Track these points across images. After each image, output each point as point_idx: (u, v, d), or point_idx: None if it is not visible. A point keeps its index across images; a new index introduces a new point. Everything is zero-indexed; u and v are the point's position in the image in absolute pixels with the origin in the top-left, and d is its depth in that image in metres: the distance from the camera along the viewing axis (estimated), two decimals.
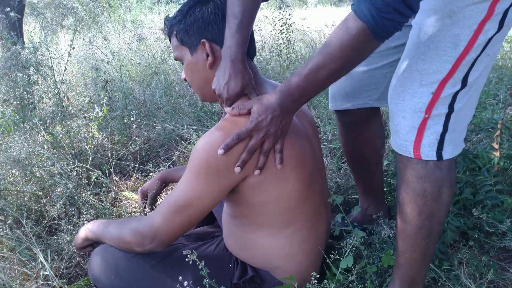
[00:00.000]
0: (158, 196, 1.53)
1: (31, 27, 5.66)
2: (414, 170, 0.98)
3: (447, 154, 0.97)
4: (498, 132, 1.54)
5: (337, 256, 1.07)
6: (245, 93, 1.01)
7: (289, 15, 3.53)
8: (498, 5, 0.84)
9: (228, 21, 0.99)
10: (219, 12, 1.03)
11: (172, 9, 10.44)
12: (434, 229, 1.02)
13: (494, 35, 0.88)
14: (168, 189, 1.96)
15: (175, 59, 1.12)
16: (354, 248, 1.10)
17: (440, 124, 0.95)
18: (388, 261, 1.22)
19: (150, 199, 1.49)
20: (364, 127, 1.39)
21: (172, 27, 1.07)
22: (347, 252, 1.09)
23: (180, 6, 1.08)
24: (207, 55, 1.03)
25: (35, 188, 1.70)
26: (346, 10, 9.85)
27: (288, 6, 3.93)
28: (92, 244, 1.22)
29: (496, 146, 1.52)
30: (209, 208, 0.99)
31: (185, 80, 1.13)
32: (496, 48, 0.93)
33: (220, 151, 0.91)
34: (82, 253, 1.32)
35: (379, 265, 1.24)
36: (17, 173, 1.76)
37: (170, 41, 1.12)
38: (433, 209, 0.99)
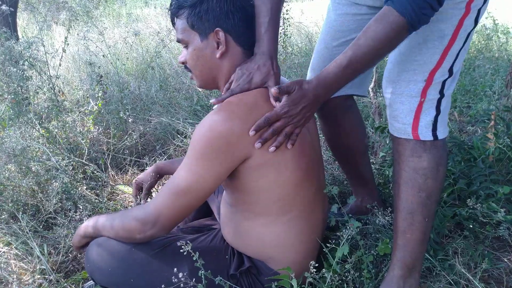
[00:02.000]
0: (153, 188, 1.53)
1: (25, 22, 5.61)
2: (413, 150, 1.08)
3: (441, 134, 1.08)
4: (492, 123, 1.55)
5: (333, 246, 1.07)
6: (266, 86, 1.02)
7: (286, 11, 3.52)
8: (473, 4, 0.99)
9: (259, 19, 1.04)
10: (237, 4, 1.02)
11: (167, 2, 10.36)
12: (432, 208, 1.10)
13: (471, 30, 1.03)
14: (163, 181, 1.97)
15: (178, 41, 1.09)
16: (350, 238, 1.10)
17: (433, 107, 1.06)
18: (384, 249, 1.23)
19: (145, 191, 1.49)
20: (342, 117, 1.42)
21: (183, 9, 1.04)
22: (343, 242, 1.09)
23: None
24: (218, 44, 1.03)
25: (31, 183, 1.69)
26: None
27: (285, 1, 3.90)
28: (90, 242, 1.22)
29: (491, 137, 1.52)
30: (210, 192, 0.99)
31: (183, 63, 1.10)
32: (469, 44, 1.08)
33: (252, 132, 0.93)
34: (80, 252, 1.31)
35: (375, 253, 1.25)
36: (12, 168, 1.76)
37: (173, 21, 1.09)
38: (432, 187, 1.07)
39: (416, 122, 1.07)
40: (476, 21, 1.03)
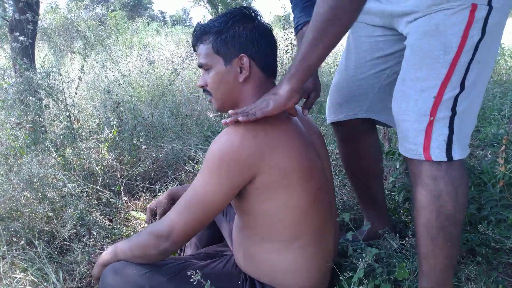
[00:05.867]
0: (167, 214, 1.55)
1: (41, 51, 5.79)
2: (427, 172, 1.03)
3: (457, 155, 1.02)
4: (503, 148, 1.56)
5: (351, 274, 1.07)
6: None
7: (294, 35, 3.60)
8: (476, 13, 0.95)
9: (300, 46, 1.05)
10: (261, 32, 1.07)
11: (178, 31, 10.63)
12: (455, 232, 1.05)
13: (479, 40, 0.97)
14: None
15: (200, 66, 1.12)
16: (365, 265, 1.09)
17: (445, 126, 1.01)
18: (402, 274, 1.21)
19: (159, 216, 1.51)
20: (360, 140, 1.43)
21: (208, 34, 1.09)
22: (360, 268, 1.08)
23: (219, 16, 1.10)
24: (241, 69, 1.07)
25: (46, 209, 1.73)
26: None
27: (293, 26, 4.00)
28: None
29: (501, 162, 1.53)
30: (221, 207, 1.01)
31: (202, 87, 1.13)
32: (487, 56, 1.00)
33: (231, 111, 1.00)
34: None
35: (392, 278, 1.24)
36: (28, 195, 1.80)
37: (196, 46, 1.13)
38: (452, 210, 1.02)
39: (428, 142, 1.02)
40: (483, 31, 0.97)
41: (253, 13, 1.10)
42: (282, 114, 1.05)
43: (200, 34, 1.10)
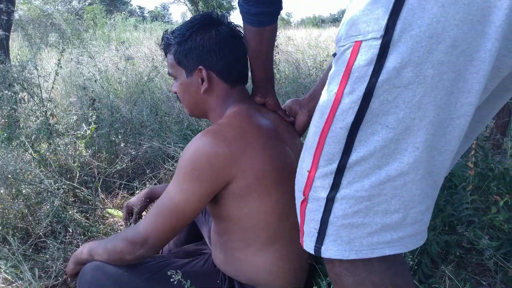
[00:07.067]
0: (143, 212, 1.55)
1: (14, 43, 5.63)
2: (327, 266, 0.80)
3: (329, 252, 0.74)
4: (472, 152, 1.62)
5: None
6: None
7: None
8: (359, 56, 0.66)
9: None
10: (220, 42, 1.07)
11: (157, 27, 10.52)
12: None
13: (367, 97, 0.66)
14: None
15: (168, 74, 1.16)
16: None
17: (318, 210, 0.75)
18: None
19: (135, 215, 1.51)
20: None
21: (170, 46, 1.11)
22: None
23: (181, 26, 1.11)
24: (202, 81, 1.08)
25: (21, 206, 1.70)
26: (327, 31, 10.09)
27: None
28: None
29: (471, 165, 1.59)
30: (196, 213, 1.01)
31: (174, 92, 1.17)
32: (405, 117, 0.65)
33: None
34: (74, 280, 1.32)
35: None
36: (2, 191, 1.76)
37: (165, 54, 1.16)
38: None
39: (302, 224, 0.80)
40: (373, 81, 0.65)
41: (218, 18, 1.10)
42: (255, 116, 1.07)
43: (165, 44, 1.13)
